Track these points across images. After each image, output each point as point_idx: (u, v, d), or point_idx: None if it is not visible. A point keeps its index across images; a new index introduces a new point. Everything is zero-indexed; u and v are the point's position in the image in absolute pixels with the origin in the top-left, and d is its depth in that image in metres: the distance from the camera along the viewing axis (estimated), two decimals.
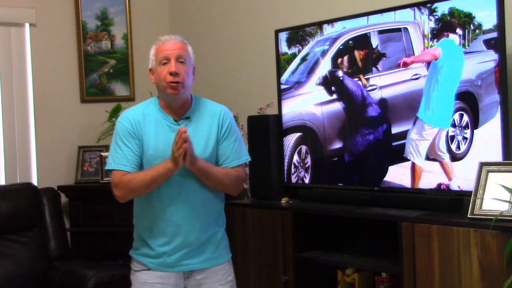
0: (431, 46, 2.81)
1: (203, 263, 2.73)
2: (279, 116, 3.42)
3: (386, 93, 2.98)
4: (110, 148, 2.75)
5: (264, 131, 3.39)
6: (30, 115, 4.34)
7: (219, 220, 2.81)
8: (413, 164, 2.89)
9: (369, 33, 3.04)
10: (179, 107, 2.72)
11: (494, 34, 2.61)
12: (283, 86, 3.43)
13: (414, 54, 2.87)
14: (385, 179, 2.99)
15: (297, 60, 3.36)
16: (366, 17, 3.05)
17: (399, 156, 2.93)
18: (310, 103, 3.29)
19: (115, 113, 4.20)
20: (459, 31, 2.71)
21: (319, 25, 3.25)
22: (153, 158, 2.66)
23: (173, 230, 2.68)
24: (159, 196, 2.67)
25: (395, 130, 2.95)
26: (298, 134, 3.36)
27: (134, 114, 2.73)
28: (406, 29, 2.90)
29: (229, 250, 2.86)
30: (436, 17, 2.78)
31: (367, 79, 3.05)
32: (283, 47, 3.42)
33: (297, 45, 3.35)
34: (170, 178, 2.63)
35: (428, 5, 2.81)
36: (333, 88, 3.20)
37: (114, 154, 2.69)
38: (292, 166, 3.38)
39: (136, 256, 2.77)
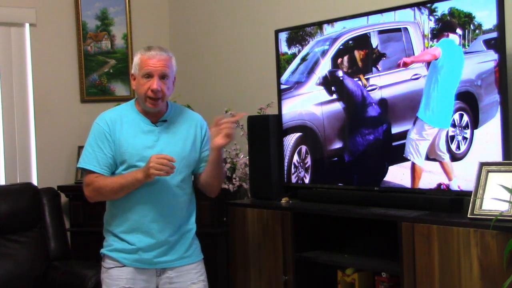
0: (431, 46, 2.81)
1: (175, 261, 2.79)
2: (279, 116, 3.42)
3: (386, 93, 2.98)
4: (84, 146, 2.82)
5: (264, 131, 3.39)
6: (30, 115, 4.34)
7: (190, 220, 2.86)
8: (413, 164, 2.88)
9: (369, 33, 3.04)
10: (156, 113, 2.81)
11: (494, 34, 2.61)
12: (283, 86, 3.43)
13: (414, 54, 2.87)
14: (385, 179, 2.99)
15: (297, 60, 3.36)
16: (366, 17, 3.05)
17: (399, 156, 2.93)
18: (310, 103, 3.29)
19: None
20: (459, 31, 2.71)
21: (319, 25, 3.25)
22: (131, 157, 2.73)
23: (146, 227, 2.74)
24: (132, 195, 2.72)
25: (395, 130, 2.95)
26: (298, 134, 3.36)
27: (112, 114, 2.83)
28: (406, 29, 2.90)
29: (201, 251, 2.91)
30: (436, 17, 2.78)
31: (367, 79, 3.05)
32: (283, 47, 3.42)
33: (297, 45, 3.35)
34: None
35: (428, 5, 2.81)
36: (333, 88, 3.20)
37: (86, 153, 2.78)
38: (292, 166, 3.38)
39: (109, 253, 2.80)
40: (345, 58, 3.14)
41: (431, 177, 2.83)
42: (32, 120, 4.35)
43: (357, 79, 3.09)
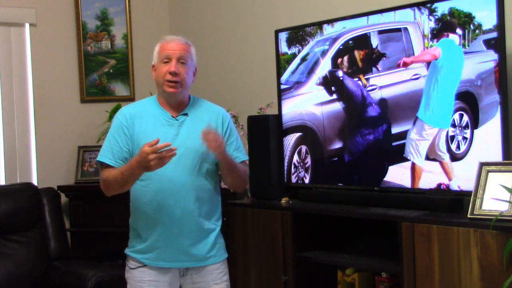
0: (431, 46, 2.81)
1: (198, 261, 2.76)
2: (279, 116, 3.42)
3: (386, 93, 2.98)
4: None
5: (264, 131, 3.39)
6: (30, 115, 4.34)
7: (215, 216, 2.83)
8: (413, 164, 2.89)
9: (369, 33, 3.04)
10: (177, 105, 2.79)
11: (494, 34, 2.61)
12: (283, 86, 3.43)
13: (414, 54, 2.87)
14: (385, 179, 2.99)
15: (297, 60, 3.36)
16: (366, 17, 3.05)
17: (399, 156, 2.93)
18: (310, 103, 3.29)
19: (115, 113, 4.19)
20: (459, 31, 2.71)
21: (319, 25, 3.25)
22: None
23: (164, 222, 2.71)
24: (150, 190, 2.71)
25: (395, 130, 2.95)
26: (298, 134, 3.36)
27: (132, 108, 2.82)
28: (406, 29, 2.90)
29: (225, 250, 2.88)
30: (436, 17, 2.78)
31: (367, 79, 3.05)
32: (283, 47, 3.42)
33: (297, 45, 3.35)
34: (160, 172, 2.64)
35: (428, 5, 2.81)
36: (333, 88, 3.20)
37: (103, 146, 2.78)
38: (292, 166, 3.38)
39: (131, 254, 2.80)
40: (345, 58, 3.14)
41: (431, 177, 2.83)
42: (32, 120, 4.35)
43: (357, 79, 3.09)
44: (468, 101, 2.70)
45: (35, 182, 4.24)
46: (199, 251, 2.75)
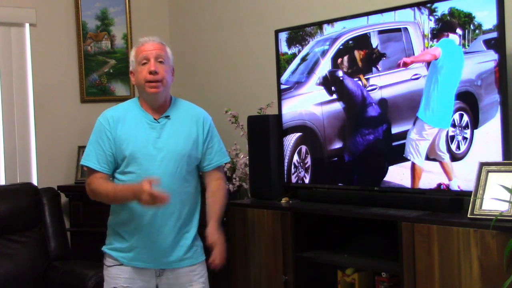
0: (431, 46, 2.81)
1: (175, 262, 2.79)
2: (279, 116, 3.42)
3: (386, 93, 2.98)
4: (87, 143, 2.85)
5: (264, 131, 3.39)
6: (30, 115, 4.34)
7: (194, 219, 2.85)
8: (413, 164, 2.89)
9: (369, 33, 3.04)
10: (159, 107, 2.81)
11: (494, 34, 2.61)
12: (283, 86, 3.43)
13: (414, 54, 2.87)
14: (385, 179, 2.99)
15: (297, 60, 3.36)
16: (366, 17, 3.05)
17: (399, 156, 2.93)
18: (310, 103, 3.29)
19: None
20: (459, 31, 2.71)
21: (319, 25, 3.25)
22: (133, 154, 2.73)
23: (146, 223, 2.74)
24: None
25: (395, 130, 2.95)
26: (298, 134, 3.36)
27: (114, 112, 2.84)
28: (406, 29, 2.90)
29: (203, 252, 2.90)
30: (436, 17, 2.79)
31: (367, 79, 3.05)
32: (283, 47, 3.42)
33: (297, 45, 3.35)
34: (142, 174, 2.70)
35: (428, 5, 2.81)
36: (333, 88, 3.20)
37: (87, 150, 2.81)
38: (292, 166, 3.38)
39: (109, 251, 2.83)
40: (345, 58, 3.14)
41: (431, 177, 2.83)
42: (32, 120, 4.35)
43: (357, 79, 3.09)
44: (468, 101, 2.70)
45: (35, 182, 4.24)
46: (176, 253, 2.78)
